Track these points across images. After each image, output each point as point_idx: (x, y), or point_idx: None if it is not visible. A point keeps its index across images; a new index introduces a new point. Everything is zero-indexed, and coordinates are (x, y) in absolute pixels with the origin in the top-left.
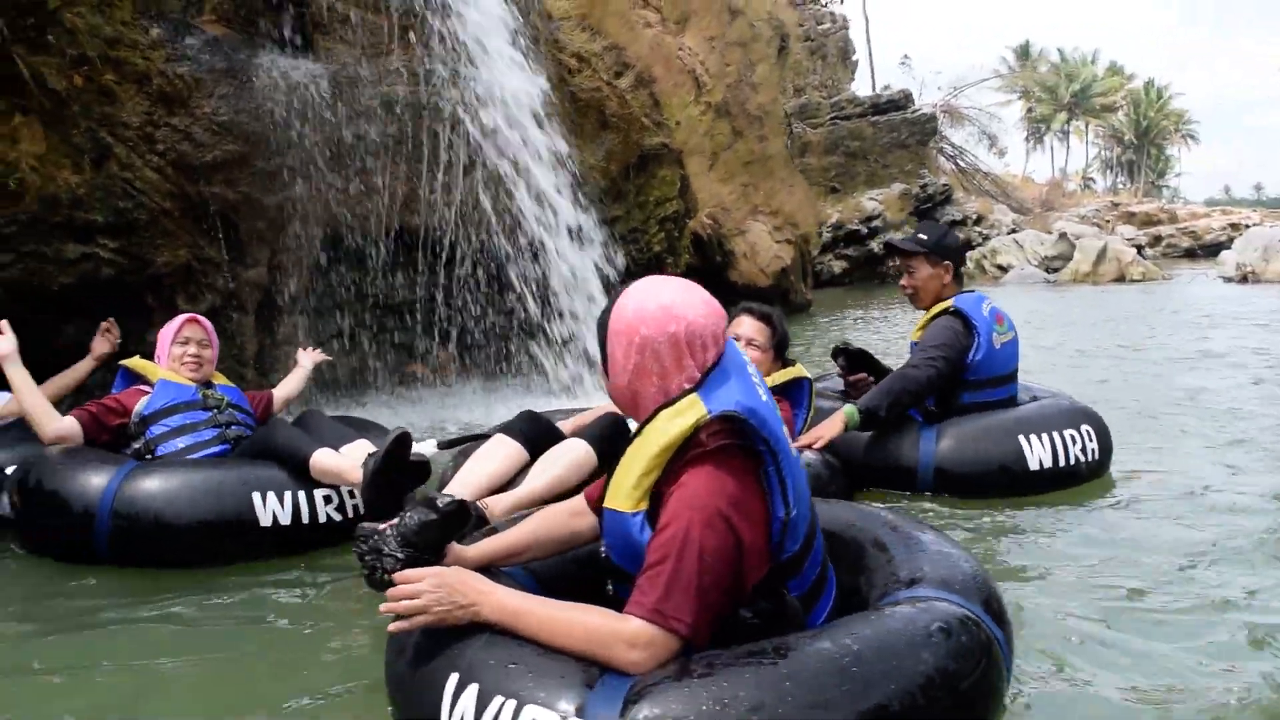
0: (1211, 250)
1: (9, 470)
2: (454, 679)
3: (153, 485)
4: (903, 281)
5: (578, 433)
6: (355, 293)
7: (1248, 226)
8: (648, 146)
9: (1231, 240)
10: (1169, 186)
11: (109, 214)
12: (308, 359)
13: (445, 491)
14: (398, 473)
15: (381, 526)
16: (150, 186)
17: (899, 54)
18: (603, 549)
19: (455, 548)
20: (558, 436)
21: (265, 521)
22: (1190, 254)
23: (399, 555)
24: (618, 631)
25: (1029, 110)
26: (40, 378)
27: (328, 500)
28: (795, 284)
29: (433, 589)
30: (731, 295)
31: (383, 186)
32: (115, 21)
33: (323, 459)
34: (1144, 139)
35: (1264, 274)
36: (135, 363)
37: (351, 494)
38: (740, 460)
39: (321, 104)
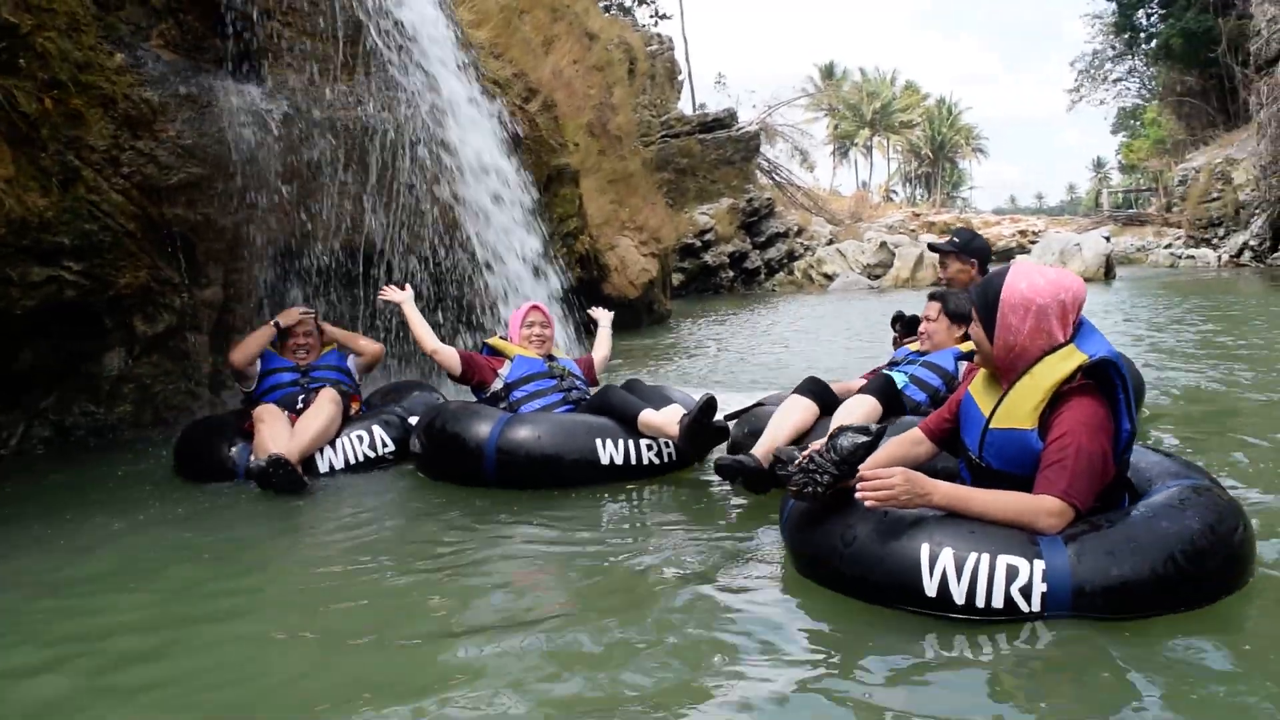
0: (1004, 255)
1: (412, 420)
2: (926, 548)
3: (525, 430)
4: (939, 274)
5: (862, 390)
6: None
7: (1035, 233)
8: (554, 167)
9: (1021, 246)
10: (962, 198)
11: (75, 236)
12: (606, 319)
13: (761, 442)
14: (706, 430)
15: (800, 456)
16: (115, 209)
17: (714, 73)
18: (978, 459)
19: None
20: (831, 396)
21: (605, 461)
22: None
23: (835, 472)
24: (1040, 506)
25: (835, 127)
26: None
27: (649, 448)
28: (658, 295)
29: (904, 481)
30: (607, 307)
31: (331, 207)
32: (84, 46)
33: (648, 417)
34: (939, 153)
35: None
36: (495, 341)
37: (668, 444)
38: (1101, 393)
39: (274, 128)
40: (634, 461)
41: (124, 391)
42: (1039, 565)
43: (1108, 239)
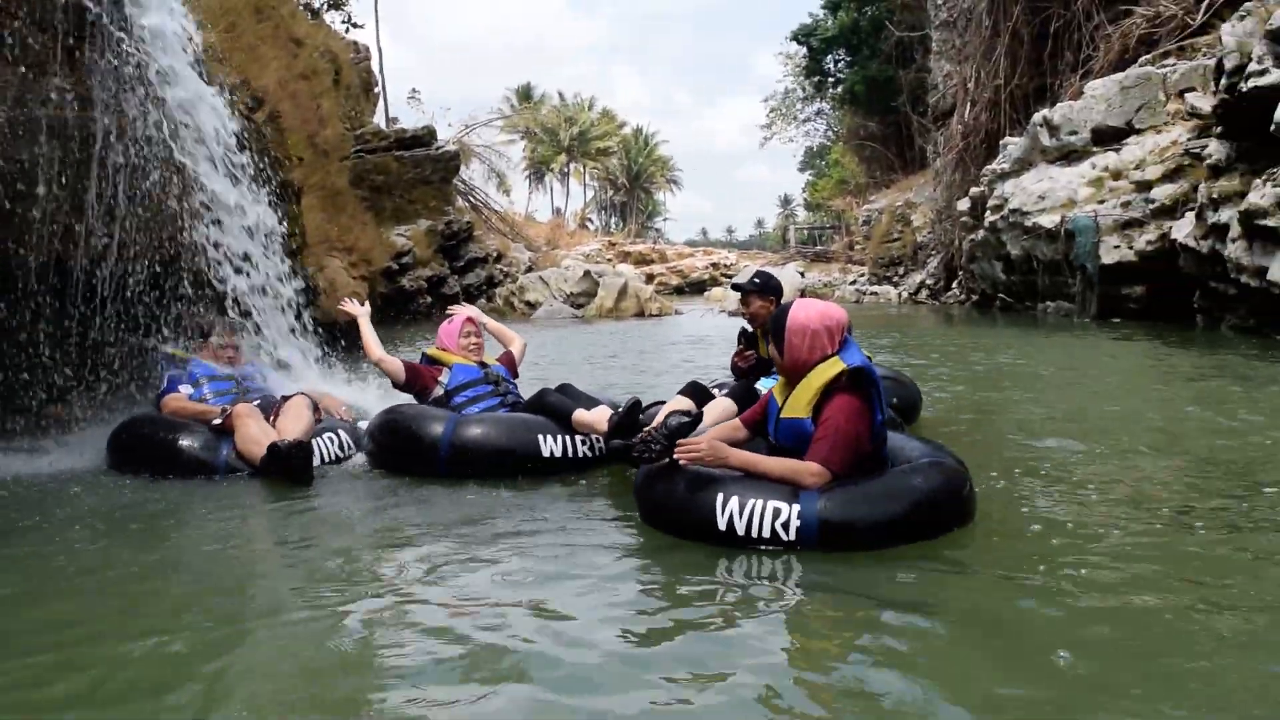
0: (697, 287)
1: (362, 424)
2: (720, 495)
3: (475, 428)
4: (742, 310)
5: (727, 394)
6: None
7: (728, 265)
8: (279, 181)
9: (714, 279)
10: (656, 228)
11: None
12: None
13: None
14: (630, 427)
15: (639, 436)
16: None
17: (407, 88)
18: (773, 439)
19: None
20: (709, 395)
21: (546, 454)
22: (679, 291)
23: (665, 443)
24: (804, 468)
25: (532, 151)
26: None
27: (583, 443)
28: None
29: (709, 447)
30: (314, 331)
31: (46, 216)
32: None
33: (581, 416)
34: (635, 183)
35: None
36: (434, 351)
37: (599, 439)
38: (860, 390)
39: None
40: (571, 454)
41: None
42: (795, 507)
43: (802, 274)
